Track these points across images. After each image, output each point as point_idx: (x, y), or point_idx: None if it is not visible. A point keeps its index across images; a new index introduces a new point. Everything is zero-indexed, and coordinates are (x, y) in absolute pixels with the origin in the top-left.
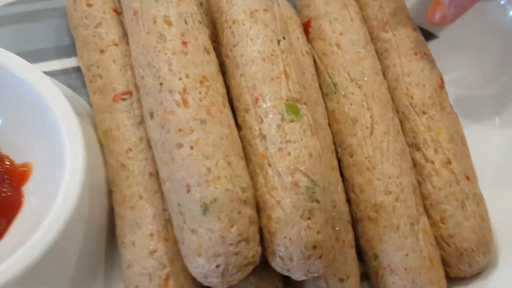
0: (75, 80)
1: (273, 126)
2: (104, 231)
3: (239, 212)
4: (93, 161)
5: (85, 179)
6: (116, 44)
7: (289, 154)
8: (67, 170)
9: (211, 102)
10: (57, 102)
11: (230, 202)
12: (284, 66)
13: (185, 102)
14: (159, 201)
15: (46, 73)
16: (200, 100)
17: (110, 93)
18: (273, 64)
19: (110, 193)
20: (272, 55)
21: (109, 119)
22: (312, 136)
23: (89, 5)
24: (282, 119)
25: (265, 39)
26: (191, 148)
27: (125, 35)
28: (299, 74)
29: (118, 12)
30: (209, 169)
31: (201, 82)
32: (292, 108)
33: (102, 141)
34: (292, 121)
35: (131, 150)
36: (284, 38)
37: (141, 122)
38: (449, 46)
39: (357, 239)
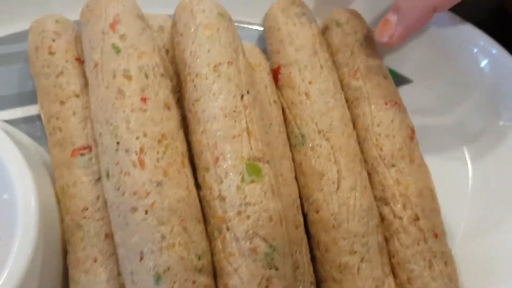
0: (38, 129)
1: (232, 187)
2: None
3: (194, 282)
4: (49, 219)
5: (38, 239)
6: (77, 95)
7: (248, 217)
8: (19, 230)
9: (169, 163)
10: (11, 158)
11: (184, 271)
12: (246, 122)
13: (141, 163)
14: (114, 265)
15: (8, 121)
16: (158, 161)
17: (69, 148)
18: (235, 121)
19: (66, 253)
20: (234, 111)
21: (67, 174)
22: (273, 197)
23: (51, 53)
24: (242, 180)
25: (228, 94)
26: (146, 212)
27: (87, 85)
28: (263, 129)
29: (81, 60)
30: (163, 236)
31: (159, 141)
32: (253, 168)
33: (59, 198)
34: (252, 181)
35: (87, 209)
36: (248, 92)
37: (100, 178)
38: (424, 90)
39: None
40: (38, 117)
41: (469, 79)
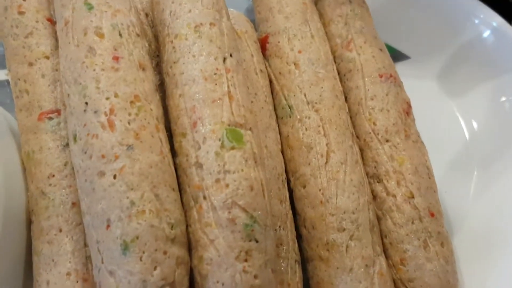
0: (8, 96)
1: (211, 154)
2: (21, 267)
3: (165, 252)
4: (13, 188)
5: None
6: (47, 57)
7: (227, 186)
8: None
9: (141, 125)
10: None
11: (154, 241)
12: (228, 86)
13: (111, 124)
14: (80, 235)
15: None
16: (129, 123)
17: (36, 111)
18: (216, 84)
19: (30, 224)
20: (215, 74)
21: (33, 140)
22: (255, 166)
23: (21, 13)
24: (222, 146)
25: (208, 56)
26: (114, 177)
27: (58, 47)
28: (247, 96)
29: (53, 21)
30: (132, 202)
31: (131, 102)
32: (234, 134)
33: (25, 165)
34: (233, 148)
35: (53, 176)
36: (231, 56)
37: (68, 144)
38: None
39: (308, 279)
40: (8, 82)
41: (470, 53)
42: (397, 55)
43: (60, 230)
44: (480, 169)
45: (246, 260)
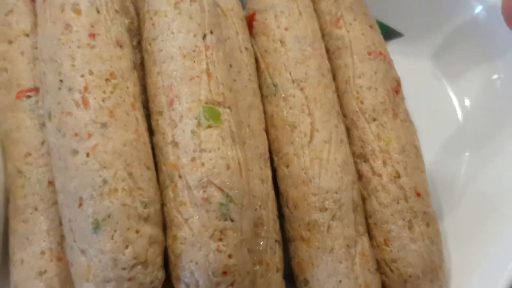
0: None
1: (187, 132)
2: None
3: (137, 231)
4: None
5: None
6: (26, 35)
7: (202, 165)
8: None
9: (116, 103)
10: None
11: (126, 219)
12: (207, 64)
13: (85, 102)
14: (56, 214)
15: None
16: (103, 101)
17: (14, 89)
18: (194, 61)
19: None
20: (194, 51)
21: (11, 118)
22: (232, 145)
23: None
24: (198, 125)
25: (188, 33)
26: (87, 155)
27: None
28: (227, 74)
29: None
30: (105, 181)
31: (107, 80)
32: (212, 112)
33: (3, 143)
34: (210, 127)
35: (30, 154)
36: (211, 33)
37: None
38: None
39: (290, 260)
40: None
41: (464, 32)
42: (390, 33)
43: (36, 209)
44: (472, 149)
45: (220, 240)
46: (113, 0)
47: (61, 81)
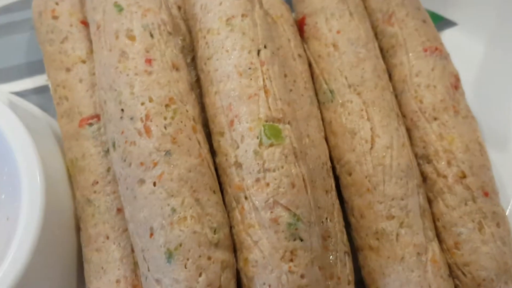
0: (49, 99)
1: (249, 152)
2: (73, 274)
3: (209, 258)
4: (58, 195)
5: (44, 218)
6: (83, 61)
7: (267, 185)
8: (24, 209)
9: (178, 129)
10: (13, 131)
11: (197, 247)
12: (263, 80)
13: (147, 130)
14: (127, 241)
15: (17, 93)
16: (165, 127)
17: (76, 118)
18: (251, 79)
19: (79, 230)
20: (250, 68)
21: (75, 147)
22: (295, 161)
23: (55, 18)
24: (260, 144)
25: (242, 50)
26: (154, 184)
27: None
28: (283, 87)
29: (87, 23)
30: (173, 209)
31: (167, 105)
32: (272, 129)
33: (70, 172)
34: (271, 145)
35: (97, 183)
36: (265, 47)
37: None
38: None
39: (360, 269)
40: (47, 87)
41: None
42: (443, 23)
43: (107, 237)
44: None
45: (291, 260)
46: (165, 22)
47: (122, 110)
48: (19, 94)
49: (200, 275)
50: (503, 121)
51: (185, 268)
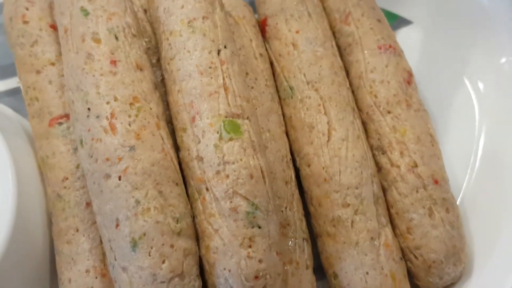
0: (21, 101)
1: (210, 147)
2: (47, 266)
3: (171, 246)
4: (28, 191)
5: (16, 214)
6: (52, 64)
7: (227, 176)
8: None
9: (141, 125)
10: None
11: (160, 236)
12: (223, 78)
13: (112, 128)
14: (96, 233)
15: None
16: (129, 124)
17: (46, 117)
18: (211, 77)
19: (51, 224)
20: (210, 67)
21: (46, 145)
22: (254, 154)
23: (25, 22)
24: (220, 138)
25: (203, 50)
26: (119, 178)
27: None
28: (243, 85)
29: (56, 27)
30: (137, 201)
31: (131, 104)
32: (232, 125)
33: (42, 169)
34: (231, 139)
35: (67, 179)
36: (225, 47)
37: None
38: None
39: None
40: (20, 89)
41: (469, 15)
42: (399, 22)
43: (77, 230)
44: (488, 131)
45: (250, 246)
46: (130, 25)
47: (88, 109)
48: None
49: (163, 262)
50: (456, 113)
51: (149, 256)
